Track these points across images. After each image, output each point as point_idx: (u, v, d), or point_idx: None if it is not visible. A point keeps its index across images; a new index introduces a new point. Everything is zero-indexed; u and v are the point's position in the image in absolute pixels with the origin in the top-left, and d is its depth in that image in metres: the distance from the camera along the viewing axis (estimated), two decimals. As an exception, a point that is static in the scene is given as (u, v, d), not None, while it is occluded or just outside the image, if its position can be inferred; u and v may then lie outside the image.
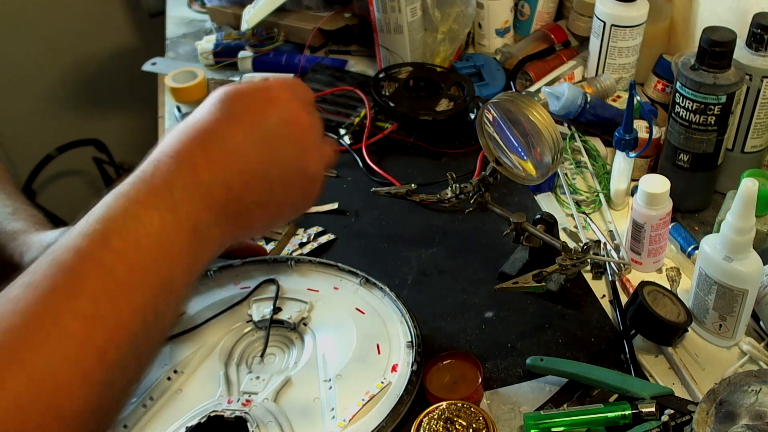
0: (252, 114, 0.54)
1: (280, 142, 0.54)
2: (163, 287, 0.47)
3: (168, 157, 0.50)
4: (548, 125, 0.74)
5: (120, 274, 0.45)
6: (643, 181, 0.80)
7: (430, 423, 0.66)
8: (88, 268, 0.44)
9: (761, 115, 0.87)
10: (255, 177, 0.53)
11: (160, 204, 0.48)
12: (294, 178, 0.56)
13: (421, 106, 1.08)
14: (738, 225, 0.68)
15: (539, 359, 0.73)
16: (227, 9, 1.37)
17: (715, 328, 0.76)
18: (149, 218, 0.47)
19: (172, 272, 0.48)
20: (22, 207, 0.83)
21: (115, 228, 0.46)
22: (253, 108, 0.54)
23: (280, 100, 0.55)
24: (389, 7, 1.12)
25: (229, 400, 0.72)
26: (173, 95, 1.22)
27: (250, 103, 0.54)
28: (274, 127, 0.54)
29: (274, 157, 0.54)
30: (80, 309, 0.43)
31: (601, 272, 0.86)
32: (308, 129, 0.57)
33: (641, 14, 1.03)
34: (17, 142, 2.05)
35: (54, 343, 0.41)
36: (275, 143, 0.54)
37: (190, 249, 0.49)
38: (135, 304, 0.45)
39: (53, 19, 1.95)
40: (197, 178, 0.50)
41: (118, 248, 0.45)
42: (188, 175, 0.50)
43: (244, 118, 0.54)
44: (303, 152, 0.56)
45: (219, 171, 0.51)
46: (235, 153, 0.52)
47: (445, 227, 0.95)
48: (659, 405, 0.67)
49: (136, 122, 2.08)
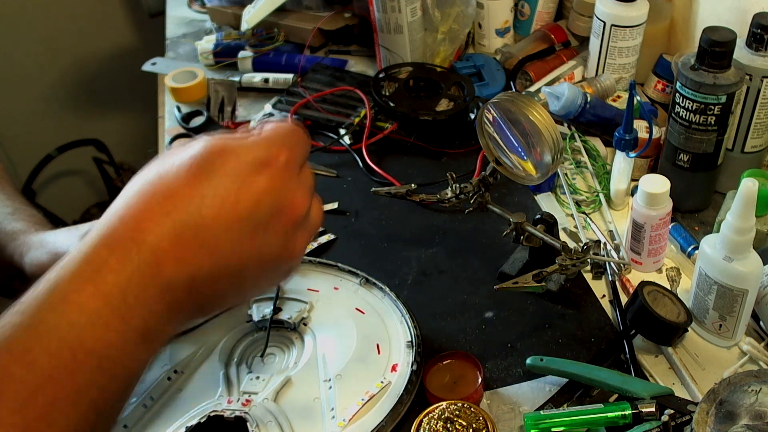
0: (238, 192, 0.44)
1: (264, 233, 0.45)
2: (100, 400, 0.41)
3: (128, 240, 0.42)
4: (548, 125, 0.74)
5: (46, 394, 0.38)
6: (643, 181, 0.80)
7: (430, 423, 0.66)
8: (5, 384, 0.38)
9: (761, 115, 0.87)
10: (227, 271, 0.45)
11: (107, 311, 0.41)
12: (272, 266, 0.48)
13: (421, 106, 1.08)
14: (738, 225, 0.68)
15: (539, 359, 0.73)
16: (227, 9, 1.37)
17: (715, 328, 0.76)
18: (90, 329, 0.40)
19: (113, 381, 0.42)
20: (22, 207, 0.83)
21: (43, 340, 0.39)
22: (241, 184, 0.44)
23: (274, 170, 0.45)
24: (389, 7, 1.12)
25: (229, 400, 0.72)
26: (173, 95, 1.22)
27: (237, 176, 0.44)
28: (262, 216, 0.45)
29: (254, 250, 0.45)
30: None
31: (601, 272, 0.86)
32: (299, 211, 0.47)
33: (641, 14, 1.03)
34: (17, 142, 2.05)
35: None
36: (258, 235, 0.45)
37: (136, 354, 0.43)
38: (65, 423, 0.39)
39: (53, 19, 1.95)
40: (159, 276, 0.42)
41: (43, 366, 0.39)
42: (149, 271, 0.42)
43: (227, 199, 0.44)
44: (289, 241, 0.47)
45: (186, 267, 0.43)
46: (209, 246, 0.43)
47: (445, 227, 0.95)
48: (659, 405, 0.67)
49: (136, 122, 2.08)
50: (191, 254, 0.43)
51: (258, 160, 0.45)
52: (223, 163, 0.44)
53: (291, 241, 0.48)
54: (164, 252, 0.42)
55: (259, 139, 0.47)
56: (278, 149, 0.46)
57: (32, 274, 0.73)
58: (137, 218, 0.43)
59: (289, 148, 0.47)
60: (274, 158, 0.46)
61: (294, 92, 1.16)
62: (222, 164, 0.44)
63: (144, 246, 0.42)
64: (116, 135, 2.15)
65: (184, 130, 1.12)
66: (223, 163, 0.44)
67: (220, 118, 1.18)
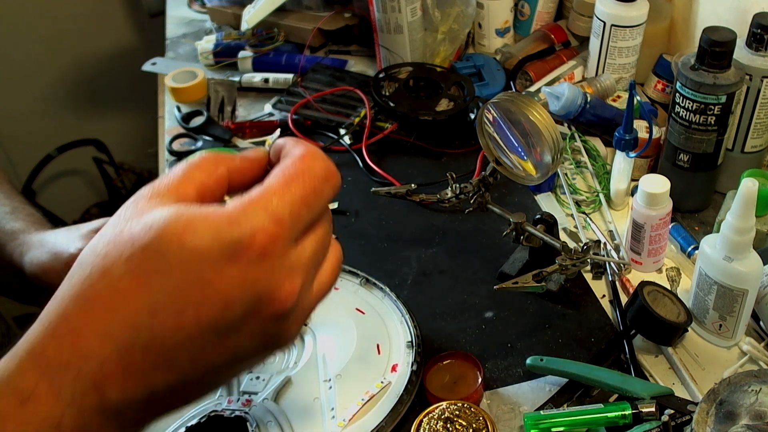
0: (202, 293, 0.34)
1: (237, 335, 0.36)
2: None
3: (62, 366, 0.34)
4: (548, 125, 0.74)
5: None
6: (643, 181, 0.80)
7: (430, 423, 0.66)
8: None
9: (761, 115, 0.87)
10: (193, 381, 0.37)
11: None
12: (251, 362, 0.39)
13: (421, 106, 1.08)
14: (738, 225, 0.68)
15: (539, 359, 0.73)
16: (227, 9, 1.37)
17: (715, 328, 0.76)
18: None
19: None
20: (20, 206, 0.83)
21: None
22: (205, 283, 0.34)
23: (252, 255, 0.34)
24: (389, 7, 1.12)
25: (229, 399, 0.72)
26: (173, 95, 1.22)
27: (199, 270, 0.34)
28: (233, 318, 0.35)
29: (223, 357, 0.36)
30: None
31: (601, 272, 0.86)
32: (285, 304, 0.36)
33: (641, 14, 1.03)
34: (17, 142, 2.06)
35: None
36: (229, 339, 0.36)
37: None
38: None
39: (53, 19, 1.95)
40: (103, 403, 0.34)
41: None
42: (88, 402, 0.34)
43: (187, 304, 0.34)
44: (271, 337, 0.37)
45: (139, 387, 0.35)
46: (165, 364, 0.35)
47: (445, 227, 0.95)
48: (659, 405, 0.67)
49: (136, 122, 2.08)
50: (142, 375, 0.35)
51: (230, 245, 0.34)
52: (182, 253, 0.34)
53: (275, 337, 0.37)
54: (107, 377, 0.34)
55: (236, 210, 0.35)
56: (262, 224, 0.35)
57: (32, 273, 0.74)
58: (73, 334, 0.34)
59: (279, 220, 0.35)
60: (252, 240, 0.34)
61: (294, 92, 1.16)
62: (181, 254, 0.34)
63: (81, 374, 0.34)
64: (116, 135, 2.15)
65: (184, 130, 1.12)
66: (182, 252, 0.34)
67: (220, 118, 1.18)
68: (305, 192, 0.37)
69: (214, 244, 0.34)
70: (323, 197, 0.38)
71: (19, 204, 0.83)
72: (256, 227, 0.34)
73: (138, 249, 0.34)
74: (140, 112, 1.83)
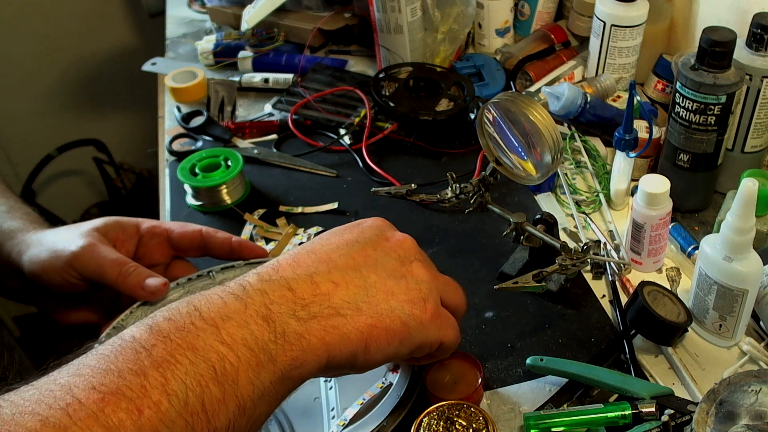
0: (344, 231, 0.61)
1: (374, 250, 0.59)
2: None
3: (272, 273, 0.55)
4: (548, 125, 0.74)
5: None
6: (643, 181, 0.80)
7: (430, 423, 0.66)
8: None
9: (761, 115, 0.87)
10: (345, 274, 0.56)
11: None
12: (396, 281, 0.57)
13: (421, 106, 1.08)
14: (738, 225, 0.68)
15: (539, 359, 0.73)
16: (227, 9, 1.37)
17: (715, 328, 0.76)
18: None
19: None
20: (17, 205, 0.82)
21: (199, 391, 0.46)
22: (345, 229, 0.62)
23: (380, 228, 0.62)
24: (389, 7, 1.12)
25: (229, 400, 0.72)
26: (173, 95, 1.22)
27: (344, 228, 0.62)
28: (368, 238, 0.60)
29: (368, 260, 0.58)
30: None
31: (601, 272, 0.86)
32: (402, 243, 0.61)
33: (641, 14, 1.03)
34: (17, 142, 2.06)
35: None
36: (368, 250, 0.59)
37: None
38: None
39: (53, 19, 1.95)
40: (278, 273, 0.55)
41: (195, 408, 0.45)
42: (267, 272, 0.55)
43: (335, 234, 0.61)
44: (403, 262, 0.59)
45: (303, 268, 0.55)
46: (322, 258, 0.56)
47: (445, 227, 0.95)
48: (659, 405, 0.67)
49: (136, 122, 2.08)
50: (307, 262, 0.56)
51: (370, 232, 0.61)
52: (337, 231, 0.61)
53: (405, 263, 0.59)
54: (281, 264, 0.55)
55: None
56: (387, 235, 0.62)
57: (31, 272, 0.73)
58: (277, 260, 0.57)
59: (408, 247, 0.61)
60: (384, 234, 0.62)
61: (294, 92, 1.16)
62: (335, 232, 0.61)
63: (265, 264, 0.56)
64: (116, 135, 2.16)
65: (184, 130, 1.12)
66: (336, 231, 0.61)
67: (220, 118, 1.18)
68: None
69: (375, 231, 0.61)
70: None
71: (15, 203, 0.82)
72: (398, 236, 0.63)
73: None
74: (140, 112, 1.83)
